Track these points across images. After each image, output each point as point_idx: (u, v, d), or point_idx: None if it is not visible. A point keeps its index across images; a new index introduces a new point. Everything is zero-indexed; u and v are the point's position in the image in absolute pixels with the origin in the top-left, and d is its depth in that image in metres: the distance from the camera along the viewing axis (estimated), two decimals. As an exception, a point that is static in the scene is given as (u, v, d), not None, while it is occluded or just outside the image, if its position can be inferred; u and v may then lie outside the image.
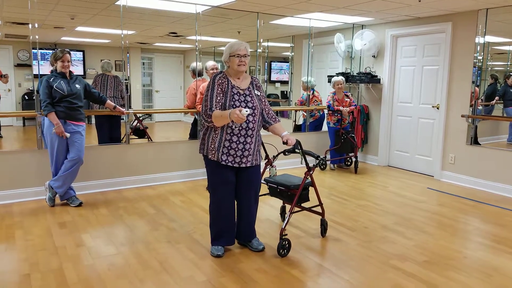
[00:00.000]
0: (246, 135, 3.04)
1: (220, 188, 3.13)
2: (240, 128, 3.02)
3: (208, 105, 3.00)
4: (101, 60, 6.22)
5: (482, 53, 5.28)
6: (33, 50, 4.80)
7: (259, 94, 3.17)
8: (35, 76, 5.12)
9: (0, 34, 8.59)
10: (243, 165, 3.08)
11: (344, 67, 7.15)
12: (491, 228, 3.95)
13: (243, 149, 3.05)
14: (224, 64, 3.14)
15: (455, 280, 2.89)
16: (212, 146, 3.06)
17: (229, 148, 3.02)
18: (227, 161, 3.04)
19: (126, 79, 5.61)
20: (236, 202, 3.26)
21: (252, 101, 3.08)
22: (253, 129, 3.07)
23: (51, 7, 5.30)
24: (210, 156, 3.09)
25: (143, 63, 11.33)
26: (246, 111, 2.76)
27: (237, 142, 3.03)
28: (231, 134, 3.02)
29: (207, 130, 3.11)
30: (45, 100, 4.11)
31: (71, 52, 4.30)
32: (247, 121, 3.03)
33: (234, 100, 3.02)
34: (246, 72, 3.18)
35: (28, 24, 4.84)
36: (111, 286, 2.74)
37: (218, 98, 3.01)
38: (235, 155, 3.04)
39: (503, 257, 3.30)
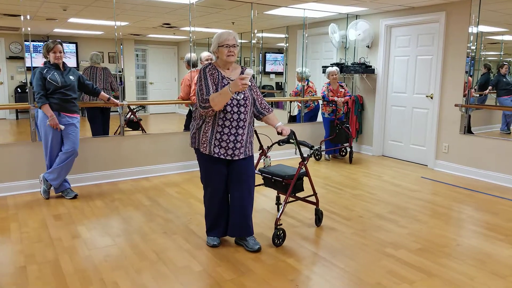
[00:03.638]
0: (237, 127, 3.01)
1: (213, 181, 3.12)
2: (232, 119, 2.99)
3: (204, 92, 2.94)
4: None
5: (475, 43, 5.30)
6: (25, 42, 4.76)
7: (250, 84, 3.15)
8: (28, 68, 5.08)
9: (-9, 26, 8.49)
10: (236, 158, 3.06)
11: (338, 58, 7.14)
12: (484, 216, 4.00)
13: (235, 141, 3.02)
14: (213, 55, 3.10)
15: (449, 267, 2.94)
16: (204, 139, 3.03)
17: (221, 140, 3.00)
18: (219, 154, 3.02)
19: (120, 71, 5.59)
20: (229, 195, 3.23)
21: (243, 92, 3.04)
22: (244, 120, 3.04)
23: (43, -2, 5.25)
24: (201, 149, 3.07)
25: (137, 55, 11.26)
26: (250, 71, 2.77)
27: (229, 134, 3.00)
28: (223, 126, 2.99)
29: (198, 124, 3.08)
30: (38, 92, 4.08)
31: (63, 44, 4.27)
32: (239, 113, 3.01)
33: None
34: (237, 62, 3.15)
35: (20, 15, 4.79)
36: (107, 277, 2.75)
37: (212, 85, 2.98)
38: (227, 147, 3.01)
39: (496, 244, 3.35)
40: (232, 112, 2.98)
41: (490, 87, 5.49)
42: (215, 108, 2.90)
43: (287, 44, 8.17)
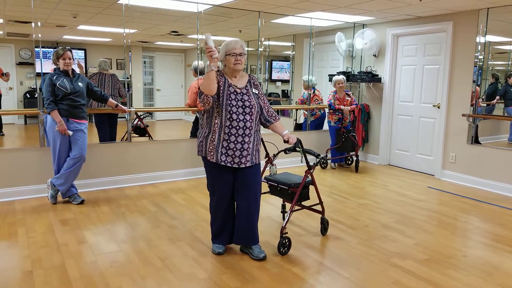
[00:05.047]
0: (244, 135, 3.02)
1: (219, 188, 3.13)
2: (238, 127, 3.00)
3: None
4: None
5: (483, 53, 5.29)
6: (35, 49, 4.84)
7: (257, 92, 3.14)
8: (38, 74, 5.14)
9: (3, 33, 8.62)
10: (243, 165, 3.06)
11: (345, 66, 7.16)
12: (491, 227, 3.96)
13: (242, 149, 3.02)
14: (220, 63, 3.13)
15: (455, 278, 2.91)
16: (211, 147, 3.04)
17: (228, 148, 3.00)
18: (226, 162, 3.02)
19: (127, 78, 5.64)
20: (235, 203, 3.23)
21: (249, 100, 3.05)
22: (250, 128, 3.05)
23: (54, 5, 5.32)
24: (208, 158, 3.07)
25: (144, 62, 11.34)
26: (208, 35, 2.85)
27: (235, 142, 3.01)
28: (229, 134, 3.00)
29: (205, 132, 3.10)
30: (48, 98, 4.13)
31: (72, 50, 4.33)
32: (245, 120, 3.02)
33: (230, 99, 2.99)
34: (244, 70, 3.16)
35: (31, 22, 4.86)
36: (113, 282, 2.76)
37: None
38: (233, 155, 3.02)
39: (503, 256, 3.32)
40: (238, 120, 2.99)
41: (497, 97, 5.47)
42: (205, 91, 2.91)
43: (294, 52, 8.20)
